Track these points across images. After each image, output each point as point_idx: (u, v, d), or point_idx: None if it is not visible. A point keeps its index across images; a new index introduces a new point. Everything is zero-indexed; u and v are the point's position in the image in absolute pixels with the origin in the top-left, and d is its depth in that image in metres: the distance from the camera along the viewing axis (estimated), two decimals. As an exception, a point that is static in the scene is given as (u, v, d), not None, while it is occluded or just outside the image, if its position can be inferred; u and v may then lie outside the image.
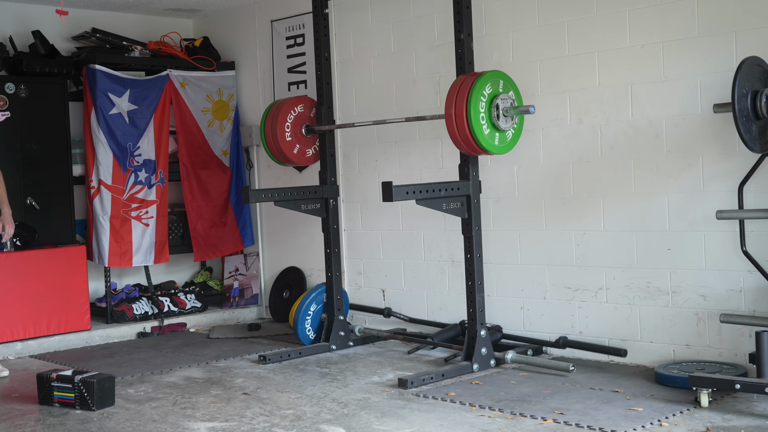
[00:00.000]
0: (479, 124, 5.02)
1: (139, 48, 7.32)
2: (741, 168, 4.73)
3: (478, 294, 5.31)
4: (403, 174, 6.37)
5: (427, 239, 6.34)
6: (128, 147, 7.03)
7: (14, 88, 6.78)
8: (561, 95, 5.53)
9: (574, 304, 5.53)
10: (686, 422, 4.10)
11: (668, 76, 5.07)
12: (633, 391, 4.65)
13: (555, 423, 4.17)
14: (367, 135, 6.66)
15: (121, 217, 6.99)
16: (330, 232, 6.17)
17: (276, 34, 7.36)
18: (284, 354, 5.82)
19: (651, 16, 5.12)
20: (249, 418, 4.46)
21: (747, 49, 4.64)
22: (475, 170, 5.31)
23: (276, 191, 5.91)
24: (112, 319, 6.96)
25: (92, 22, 7.43)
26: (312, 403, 4.70)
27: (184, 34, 7.82)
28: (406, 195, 4.96)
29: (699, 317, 4.99)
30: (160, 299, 7.22)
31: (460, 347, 5.45)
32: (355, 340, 6.21)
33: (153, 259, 7.19)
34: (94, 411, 4.70)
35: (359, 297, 6.79)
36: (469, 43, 5.32)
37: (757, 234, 4.73)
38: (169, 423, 4.45)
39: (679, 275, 5.07)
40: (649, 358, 5.19)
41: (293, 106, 6.21)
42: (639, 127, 5.20)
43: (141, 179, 7.10)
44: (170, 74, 7.33)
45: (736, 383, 4.17)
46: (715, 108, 4.60)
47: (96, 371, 5.03)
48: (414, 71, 6.36)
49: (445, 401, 4.64)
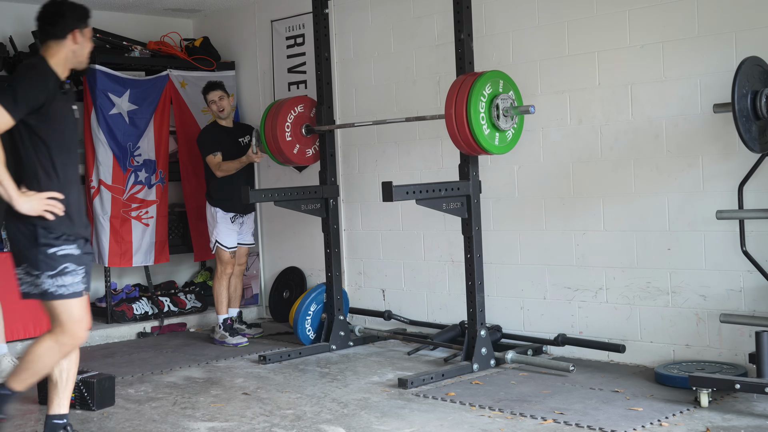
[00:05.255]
0: (479, 124, 5.02)
1: (139, 48, 7.32)
2: (741, 168, 4.73)
3: (478, 294, 5.31)
4: (403, 174, 6.36)
5: (427, 239, 6.34)
6: (128, 147, 7.03)
7: (14, 88, 6.77)
8: (561, 95, 5.53)
9: (574, 304, 5.53)
10: (686, 422, 4.10)
11: (668, 76, 5.07)
12: (633, 391, 4.65)
13: (555, 423, 4.17)
14: (367, 135, 6.65)
15: (121, 217, 6.99)
16: (330, 232, 6.17)
17: (276, 34, 7.36)
18: (284, 354, 5.82)
19: (651, 16, 5.12)
20: (249, 418, 4.46)
21: (747, 49, 4.64)
22: (475, 170, 5.31)
23: (276, 191, 5.92)
24: (112, 319, 6.96)
25: (92, 22, 7.30)
26: (312, 403, 4.70)
27: (184, 34, 7.82)
28: (406, 195, 4.96)
29: (699, 317, 4.99)
30: (160, 299, 7.22)
31: (460, 347, 5.45)
32: (355, 340, 6.21)
33: (153, 259, 7.19)
34: (94, 411, 4.70)
35: (359, 297, 6.79)
36: (469, 43, 5.32)
37: (757, 234, 4.73)
38: (169, 423, 4.45)
39: (679, 275, 5.06)
40: (649, 358, 5.19)
41: (293, 106, 6.21)
42: (639, 127, 5.20)
43: (141, 179, 7.10)
44: (170, 74, 7.33)
45: (736, 383, 4.17)
46: (715, 108, 4.60)
47: (96, 371, 5.03)
48: (414, 71, 6.36)
49: (445, 401, 4.64)
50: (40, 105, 3.65)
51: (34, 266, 3.66)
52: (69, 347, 3.74)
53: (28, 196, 3.64)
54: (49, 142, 3.70)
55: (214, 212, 6.50)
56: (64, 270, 3.67)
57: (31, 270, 3.67)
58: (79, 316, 3.72)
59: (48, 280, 3.65)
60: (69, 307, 3.69)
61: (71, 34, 3.81)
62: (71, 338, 3.72)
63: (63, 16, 3.80)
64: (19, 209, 3.61)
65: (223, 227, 6.50)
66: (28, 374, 3.74)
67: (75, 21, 3.83)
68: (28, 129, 3.68)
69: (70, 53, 3.82)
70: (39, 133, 3.69)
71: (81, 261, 3.74)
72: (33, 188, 3.68)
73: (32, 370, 3.73)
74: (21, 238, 3.68)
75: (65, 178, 3.76)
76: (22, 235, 3.68)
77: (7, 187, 3.59)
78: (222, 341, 6.44)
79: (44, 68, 3.74)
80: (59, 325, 3.71)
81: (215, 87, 6.59)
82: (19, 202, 3.61)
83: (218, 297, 6.51)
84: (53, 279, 3.66)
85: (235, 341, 6.36)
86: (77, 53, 3.85)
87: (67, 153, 3.78)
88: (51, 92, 3.69)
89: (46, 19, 3.82)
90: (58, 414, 3.85)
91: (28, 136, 3.69)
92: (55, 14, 3.81)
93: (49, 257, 3.66)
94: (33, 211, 3.62)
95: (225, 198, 6.47)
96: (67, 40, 3.80)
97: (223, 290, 6.51)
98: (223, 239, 6.49)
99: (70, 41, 3.81)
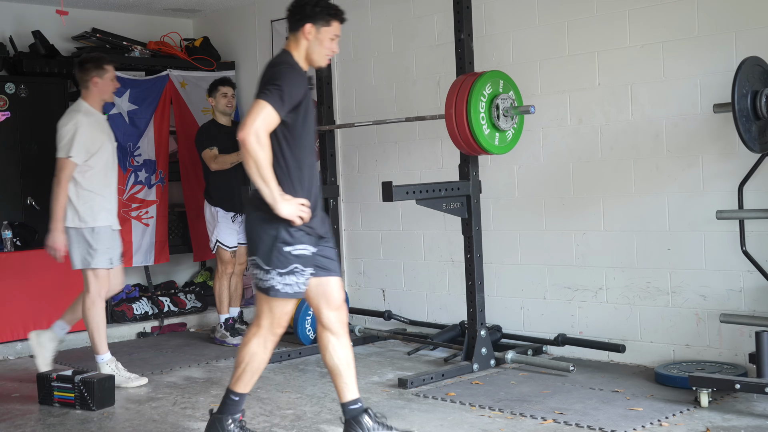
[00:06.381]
0: (479, 124, 5.02)
1: (139, 48, 7.32)
2: (741, 168, 4.73)
3: (478, 294, 5.31)
4: (403, 174, 6.37)
5: (427, 239, 6.34)
6: (128, 147, 7.03)
7: (14, 88, 6.78)
8: (561, 95, 5.53)
9: (574, 304, 5.53)
10: (686, 422, 4.10)
11: (668, 76, 5.07)
12: (633, 391, 4.65)
13: (555, 423, 4.17)
14: (367, 135, 6.66)
15: (121, 217, 6.94)
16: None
17: (276, 34, 7.36)
18: (284, 354, 5.82)
19: (651, 16, 5.12)
20: (249, 418, 4.46)
21: (747, 49, 4.64)
22: (475, 170, 5.31)
23: (276, 191, 5.91)
24: (112, 319, 6.96)
25: (92, 22, 7.43)
26: (312, 403, 4.70)
27: (184, 34, 7.82)
28: (406, 195, 4.96)
29: (699, 317, 4.99)
30: (160, 299, 7.22)
31: (460, 347, 5.45)
32: (355, 340, 6.20)
33: (153, 259, 7.19)
34: (94, 411, 4.70)
35: (359, 297, 6.79)
36: (469, 43, 5.32)
37: (757, 234, 4.73)
38: (169, 423, 4.45)
39: (679, 275, 5.07)
40: (649, 358, 5.19)
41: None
42: (639, 127, 5.20)
43: (141, 179, 7.11)
44: (170, 74, 7.33)
45: (736, 383, 4.17)
46: (715, 108, 4.60)
47: (96, 371, 5.03)
48: (414, 71, 6.36)
49: (445, 401, 4.64)
50: (298, 103, 3.61)
51: (266, 262, 3.64)
52: (277, 338, 3.75)
53: (288, 201, 3.58)
54: (300, 140, 3.67)
55: (215, 212, 6.50)
56: (294, 270, 3.65)
57: (263, 264, 3.65)
58: (290, 311, 3.75)
59: (277, 277, 3.64)
60: (286, 304, 3.71)
61: (303, 27, 3.72)
62: (281, 329, 3.74)
63: (299, 9, 3.74)
64: (279, 213, 3.56)
65: (224, 227, 6.50)
66: (248, 375, 3.77)
67: (306, 16, 3.71)
68: (284, 128, 3.63)
69: (305, 49, 3.74)
70: (293, 132, 3.64)
71: (310, 262, 3.71)
72: (285, 189, 3.62)
73: (250, 371, 3.77)
74: (261, 233, 3.64)
75: (312, 177, 3.73)
76: (262, 231, 3.64)
77: (273, 189, 3.54)
78: (223, 341, 6.45)
79: (299, 65, 3.72)
80: (271, 319, 3.71)
81: (229, 82, 6.60)
82: (281, 206, 3.56)
83: (219, 296, 6.51)
84: (282, 277, 3.64)
85: (235, 341, 6.36)
86: (310, 49, 3.74)
87: (310, 151, 3.74)
88: (305, 89, 3.66)
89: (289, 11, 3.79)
90: (351, 400, 3.80)
91: (283, 135, 3.64)
92: (294, 7, 3.77)
93: (283, 255, 3.63)
94: (289, 215, 3.58)
95: (225, 197, 6.47)
96: (300, 33, 3.72)
97: (224, 290, 6.52)
98: (224, 239, 6.49)
99: (303, 35, 3.72)
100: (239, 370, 3.78)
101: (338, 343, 3.80)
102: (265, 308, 3.73)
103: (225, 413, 3.79)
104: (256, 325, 3.76)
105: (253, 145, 3.49)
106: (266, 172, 3.53)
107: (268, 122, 3.53)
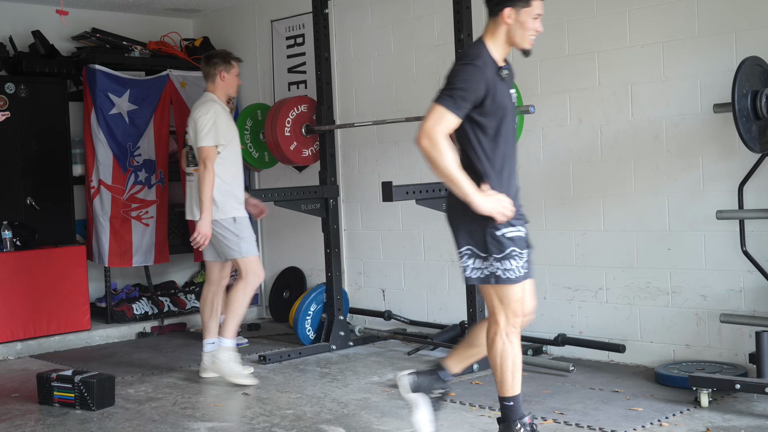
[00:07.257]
0: (479, 124, 5.00)
1: (139, 48, 7.32)
2: (741, 168, 4.73)
3: (478, 294, 5.31)
4: (403, 174, 6.36)
5: (427, 239, 6.34)
6: (128, 147, 7.03)
7: (14, 88, 6.78)
8: (561, 95, 5.53)
9: (574, 304, 5.53)
10: (686, 422, 4.10)
11: (668, 76, 5.07)
12: (633, 391, 4.65)
13: (555, 423, 4.17)
14: (367, 135, 6.65)
15: (121, 217, 6.99)
16: (330, 232, 6.17)
17: (276, 34, 7.36)
18: (284, 354, 5.82)
19: (651, 16, 5.12)
20: (249, 418, 4.46)
21: (747, 49, 4.64)
22: (475, 170, 5.30)
23: (276, 191, 5.92)
24: (112, 319, 6.96)
25: (92, 22, 7.43)
26: (312, 403, 4.70)
27: (184, 34, 7.82)
28: (406, 195, 4.96)
29: (699, 317, 4.99)
30: (160, 299, 7.22)
31: (460, 347, 5.44)
32: (355, 340, 6.21)
33: (153, 259, 7.19)
34: (94, 411, 4.70)
35: (359, 297, 6.79)
36: (469, 43, 5.31)
37: (757, 234, 4.73)
38: (169, 423, 4.44)
39: (679, 275, 5.06)
40: (649, 358, 5.19)
41: (293, 106, 6.22)
42: (639, 127, 5.20)
43: (141, 179, 7.11)
44: (170, 74, 7.33)
45: (736, 383, 4.17)
46: (715, 108, 4.60)
47: (96, 371, 5.03)
48: (414, 71, 6.36)
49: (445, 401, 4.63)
50: (482, 98, 3.47)
51: (482, 249, 3.53)
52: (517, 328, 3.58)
53: (487, 196, 3.47)
54: (491, 134, 3.53)
55: None
56: (511, 254, 3.52)
57: (479, 252, 3.55)
58: (521, 297, 3.60)
59: (495, 263, 3.52)
60: (513, 290, 3.55)
61: (502, 12, 3.55)
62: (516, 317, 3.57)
63: None
64: (478, 210, 3.45)
65: None
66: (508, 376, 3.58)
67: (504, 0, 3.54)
68: (472, 124, 3.52)
69: (505, 34, 3.57)
70: (484, 127, 3.52)
71: (525, 244, 3.60)
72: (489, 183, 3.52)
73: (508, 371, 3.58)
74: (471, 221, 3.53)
75: (510, 170, 3.61)
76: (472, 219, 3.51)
77: (462, 186, 3.43)
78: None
79: (481, 56, 3.53)
80: (504, 310, 3.56)
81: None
82: (479, 202, 3.45)
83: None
84: (500, 263, 3.52)
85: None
86: (511, 33, 3.57)
87: (506, 142, 3.57)
88: (490, 82, 3.49)
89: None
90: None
91: (473, 131, 3.53)
92: None
93: (497, 240, 3.51)
94: (490, 212, 3.47)
95: None
96: (499, 17, 3.56)
97: None
98: None
99: (503, 19, 3.56)
100: (497, 376, 3.61)
101: None
102: (494, 301, 3.58)
103: (508, 420, 3.61)
104: (493, 322, 3.60)
105: (425, 147, 3.42)
106: (448, 171, 3.42)
107: (442, 124, 3.43)
